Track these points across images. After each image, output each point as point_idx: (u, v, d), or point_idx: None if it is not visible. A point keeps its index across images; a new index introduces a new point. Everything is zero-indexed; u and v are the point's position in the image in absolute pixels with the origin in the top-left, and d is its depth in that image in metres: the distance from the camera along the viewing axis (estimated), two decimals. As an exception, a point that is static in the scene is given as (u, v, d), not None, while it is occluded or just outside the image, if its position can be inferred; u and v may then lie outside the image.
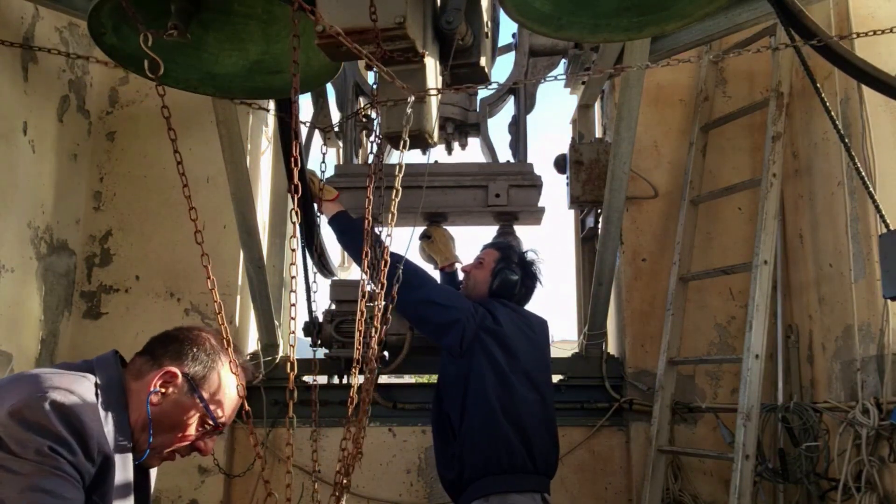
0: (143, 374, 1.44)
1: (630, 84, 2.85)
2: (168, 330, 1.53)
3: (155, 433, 1.42)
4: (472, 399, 2.49)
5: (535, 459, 2.48)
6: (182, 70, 1.96)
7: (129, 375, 1.45)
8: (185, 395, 1.44)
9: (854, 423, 2.63)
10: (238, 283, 3.48)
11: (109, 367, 1.44)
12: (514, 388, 2.52)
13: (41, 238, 3.21)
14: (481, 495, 2.41)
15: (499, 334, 2.56)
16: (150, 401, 1.41)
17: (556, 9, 1.87)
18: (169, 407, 1.43)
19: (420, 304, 2.60)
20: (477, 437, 2.46)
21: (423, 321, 2.70)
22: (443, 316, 2.57)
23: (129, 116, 3.65)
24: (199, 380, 1.46)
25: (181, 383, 1.44)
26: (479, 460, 2.43)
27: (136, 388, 1.43)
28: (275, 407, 3.40)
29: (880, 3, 2.88)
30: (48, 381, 1.31)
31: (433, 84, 1.77)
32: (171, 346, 1.48)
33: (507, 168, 3.29)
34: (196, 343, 1.49)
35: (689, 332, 3.39)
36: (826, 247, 3.07)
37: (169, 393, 1.43)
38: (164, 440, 1.45)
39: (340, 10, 1.57)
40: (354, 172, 3.23)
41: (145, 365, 1.46)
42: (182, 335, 1.50)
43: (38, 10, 3.12)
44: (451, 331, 2.55)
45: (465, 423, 2.48)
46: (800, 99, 3.33)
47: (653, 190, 3.54)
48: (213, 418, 1.47)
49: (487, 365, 2.51)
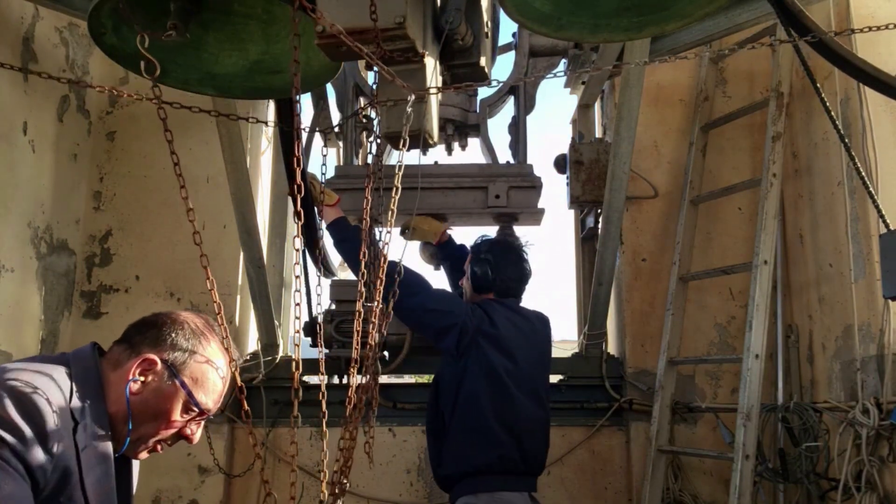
0: (122, 363, 1.39)
1: (630, 84, 2.85)
2: (145, 316, 1.48)
3: (138, 423, 1.38)
4: (464, 399, 2.55)
5: (525, 460, 2.54)
6: (182, 70, 1.96)
7: (106, 365, 1.40)
8: (166, 382, 1.39)
9: (854, 423, 2.63)
10: (238, 283, 3.49)
11: (85, 359, 1.39)
12: (508, 389, 2.57)
13: (41, 238, 3.21)
14: (469, 492, 2.48)
15: (495, 337, 2.61)
16: (130, 389, 1.36)
17: (556, 9, 1.87)
18: (150, 395, 1.38)
19: (418, 311, 2.65)
20: (467, 436, 2.53)
21: (422, 326, 2.77)
22: (440, 321, 2.63)
23: (129, 116, 3.65)
24: (179, 365, 1.40)
25: (161, 370, 1.39)
26: (468, 458, 2.50)
27: (115, 378, 1.38)
28: (275, 407, 3.41)
29: (880, 2, 2.88)
30: (14, 374, 1.26)
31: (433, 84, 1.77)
32: (149, 333, 1.42)
33: (507, 169, 3.30)
34: (175, 327, 1.43)
35: (689, 332, 3.39)
36: (826, 247, 3.07)
37: (149, 381, 1.38)
38: (147, 429, 1.40)
39: (340, 10, 1.57)
40: (354, 174, 3.23)
41: (123, 354, 1.41)
42: (160, 320, 1.44)
43: (38, 10, 3.12)
44: (448, 335, 2.61)
45: (455, 422, 2.56)
46: (800, 99, 3.33)
47: (653, 190, 3.54)
48: (196, 404, 1.41)
49: (482, 367, 2.57)
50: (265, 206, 3.74)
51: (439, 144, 3.37)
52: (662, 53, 2.97)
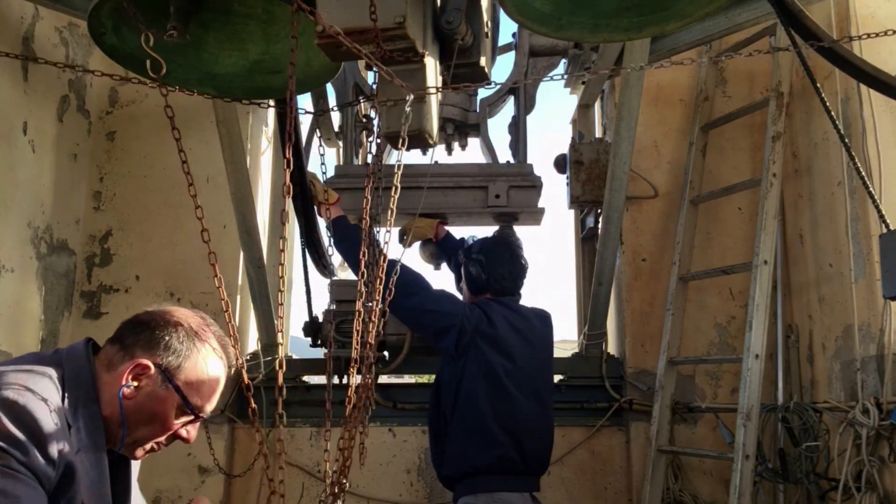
0: (115, 366, 1.37)
1: (630, 84, 2.85)
2: (139, 314, 1.45)
3: (133, 426, 1.36)
4: (464, 399, 2.57)
5: (525, 460, 2.55)
6: (182, 70, 1.96)
7: (99, 366, 1.38)
8: (160, 386, 1.37)
9: (854, 423, 2.63)
10: (238, 283, 3.48)
11: (78, 359, 1.37)
12: (506, 389, 2.58)
13: (41, 238, 3.21)
14: (469, 492, 2.49)
15: (493, 337, 2.63)
16: (123, 394, 1.33)
17: (556, 9, 1.87)
18: (144, 400, 1.36)
19: (417, 311, 2.68)
20: (467, 436, 2.54)
21: (421, 327, 2.79)
22: (439, 321, 2.65)
23: (129, 116, 3.65)
24: (173, 369, 1.38)
25: (154, 374, 1.37)
26: (468, 459, 2.52)
27: (108, 379, 1.36)
28: (274, 407, 3.40)
29: (880, 2, 2.88)
30: (5, 379, 1.24)
31: (433, 84, 1.77)
32: (143, 335, 1.40)
33: (507, 169, 3.30)
34: (169, 329, 1.41)
35: (689, 332, 3.39)
36: (826, 247, 3.07)
37: (142, 385, 1.36)
38: (143, 433, 1.38)
39: (340, 10, 1.57)
40: (355, 173, 3.23)
41: (116, 356, 1.39)
42: (154, 322, 1.41)
43: (38, 10, 3.12)
44: (447, 335, 2.63)
45: (455, 422, 2.58)
46: (800, 99, 3.32)
47: (653, 190, 3.54)
48: (191, 408, 1.40)
49: (481, 367, 2.58)
50: (265, 206, 3.73)
51: (439, 144, 3.37)
52: (662, 54, 2.97)
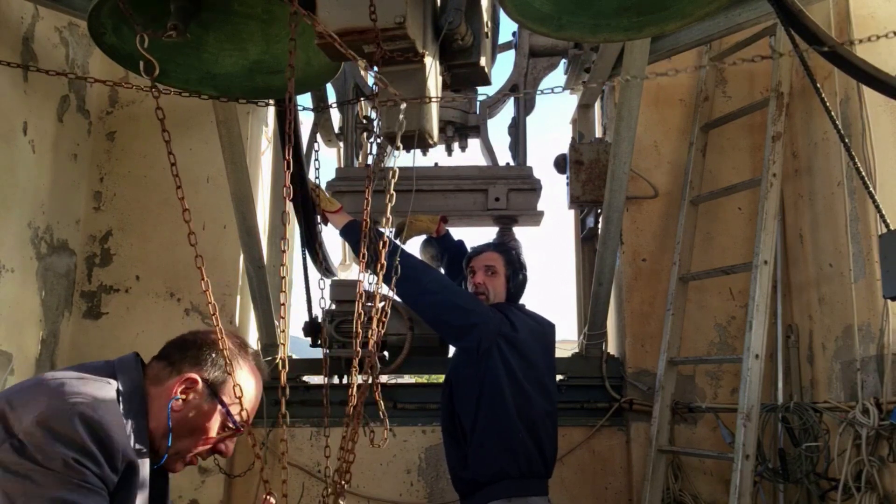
0: (162, 381, 1.45)
1: (630, 84, 2.85)
2: (184, 334, 1.54)
3: (176, 438, 1.43)
4: (488, 403, 2.54)
5: (546, 464, 2.57)
6: (182, 70, 1.96)
7: (147, 381, 1.46)
8: (206, 400, 1.46)
9: (854, 423, 2.63)
10: (238, 283, 3.49)
11: (132, 372, 1.44)
12: (528, 394, 2.57)
13: (41, 238, 3.21)
14: (503, 496, 2.47)
15: (516, 341, 2.61)
16: (172, 407, 1.42)
17: (556, 9, 1.87)
18: (190, 413, 1.44)
19: (439, 308, 2.62)
20: (494, 440, 2.52)
21: (442, 324, 2.71)
22: (463, 319, 2.59)
23: (130, 116, 3.65)
24: (219, 385, 1.47)
25: (202, 389, 1.45)
26: (497, 463, 2.49)
27: (155, 393, 1.44)
28: (275, 407, 3.38)
29: (880, 3, 2.87)
30: (74, 389, 1.31)
31: (433, 84, 1.77)
32: (190, 352, 1.48)
33: (507, 172, 3.30)
34: (214, 347, 1.49)
35: (689, 332, 3.39)
36: (826, 247, 3.07)
37: (190, 399, 1.44)
38: (185, 444, 1.46)
39: (340, 10, 1.58)
40: (355, 176, 3.23)
41: (164, 371, 1.46)
42: (199, 340, 1.51)
43: (38, 10, 3.12)
44: (470, 334, 2.58)
45: (480, 426, 2.54)
46: (800, 99, 3.33)
47: (653, 190, 3.54)
48: (234, 422, 1.49)
49: (504, 370, 2.56)
50: (265, 206, 3.73)
51: (439, 145, 3.38)
52: (662, 53, 2.97)
